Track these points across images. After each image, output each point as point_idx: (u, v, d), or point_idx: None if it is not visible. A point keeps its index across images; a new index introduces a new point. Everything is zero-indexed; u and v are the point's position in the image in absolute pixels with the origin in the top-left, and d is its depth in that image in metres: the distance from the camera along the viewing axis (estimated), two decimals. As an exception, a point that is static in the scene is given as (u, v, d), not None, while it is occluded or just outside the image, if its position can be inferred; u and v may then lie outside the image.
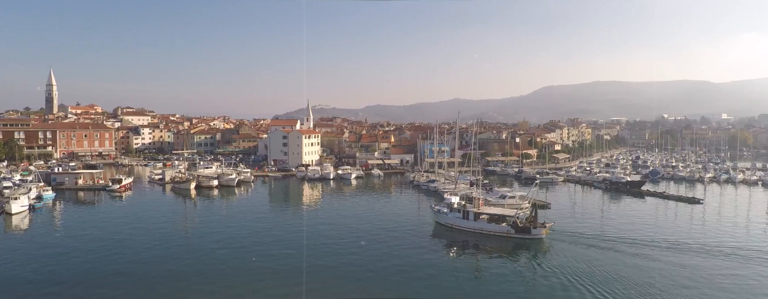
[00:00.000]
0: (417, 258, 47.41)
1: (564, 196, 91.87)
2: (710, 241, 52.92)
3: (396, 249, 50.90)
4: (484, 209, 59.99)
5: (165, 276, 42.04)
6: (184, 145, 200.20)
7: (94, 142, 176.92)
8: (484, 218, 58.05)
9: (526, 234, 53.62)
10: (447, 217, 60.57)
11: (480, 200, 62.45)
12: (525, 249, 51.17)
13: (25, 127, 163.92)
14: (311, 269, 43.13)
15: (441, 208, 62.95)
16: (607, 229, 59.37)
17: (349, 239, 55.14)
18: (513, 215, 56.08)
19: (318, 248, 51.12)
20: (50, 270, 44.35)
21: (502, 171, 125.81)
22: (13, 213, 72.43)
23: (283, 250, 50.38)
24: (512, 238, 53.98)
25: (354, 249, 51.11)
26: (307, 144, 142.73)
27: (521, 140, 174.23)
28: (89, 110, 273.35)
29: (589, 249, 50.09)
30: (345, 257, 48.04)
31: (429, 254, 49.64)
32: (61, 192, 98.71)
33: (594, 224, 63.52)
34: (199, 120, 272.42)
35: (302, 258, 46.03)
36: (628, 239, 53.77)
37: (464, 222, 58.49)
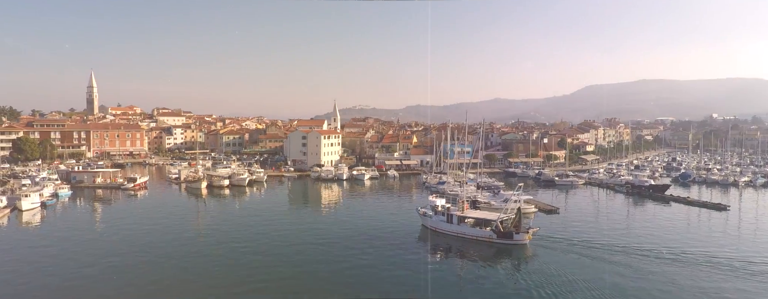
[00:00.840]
0: (390, 262, 45.68)
1: (579, 200, 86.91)
2: (721, 253, 47.93)
3: (371, 252, 49.14)
4: (467, 213, 57.07)
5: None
6: (215, 145, 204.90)
7: (126, 142, 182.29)
8: (468, 222, 55.41)
9: (508, 240, 51.06)
10: (431, 220, 58.34)
11: (465, 203, 59.56)
12: (506, 255, 48.57)
13: (61, 127, 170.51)
14: (274, 270, 42.82)
15: (427, 211, 60.56)
16: (606, 236, 55.12)
17: (327, 241, 53.90)
18: (495, 220, 53.06)
19: (291, 247, 51.09)
20: (28, 266, 45.29)
21: (523, 173, 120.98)
22: (23, 210, 74.97)
23: (254, 252, 49.48)
24: (495, 243, 51.50)
25: (327, 250, 49.96)
26: (326, 145, 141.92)
27: (550, 140, 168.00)
28: (128, 111, 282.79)
29: (579, 257, 46.50)
30: (314, 257, 47.23)
31: (407, 258, 47.59)
32: (81, 190, 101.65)
33: (595, 230, 59.32)
34: (232, 120, 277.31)
35: (270, 259, 46.34)
36: (627, 247, 49.57)
37: (447, 226, 56.08)
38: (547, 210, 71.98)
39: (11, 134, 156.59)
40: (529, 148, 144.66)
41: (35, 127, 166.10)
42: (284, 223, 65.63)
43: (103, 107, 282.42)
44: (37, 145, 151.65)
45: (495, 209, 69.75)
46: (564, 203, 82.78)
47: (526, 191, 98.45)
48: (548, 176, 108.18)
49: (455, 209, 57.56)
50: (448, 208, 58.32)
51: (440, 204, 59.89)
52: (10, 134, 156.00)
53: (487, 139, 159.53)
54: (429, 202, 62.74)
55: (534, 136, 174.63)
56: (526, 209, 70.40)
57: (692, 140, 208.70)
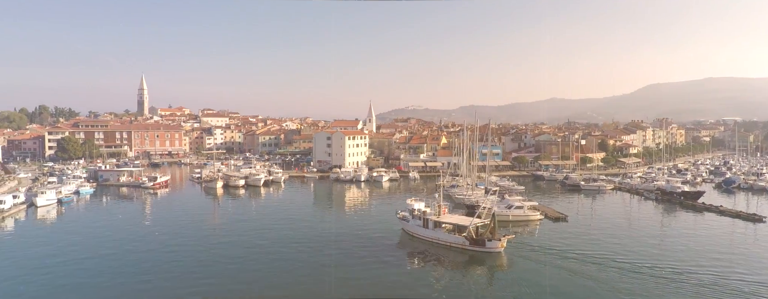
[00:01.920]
0: (359, 267, 44.42)
1: (599, 207, 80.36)
2: (731, 273, 41.80)
3: (345, 255, 47.96)
4: (442, 218, 54.02)
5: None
6: (252, 145, 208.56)
7: (166, 142, 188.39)
8: (445, 228, 52.57)
9: (480, 247, 48.46)
10: (408, 224, 56.40)
11: (443, 208, 56.47)
12: (478, 263, 46.08)
13: (104, 128, 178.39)
14: (226, 270, 42.76)
15: (406, 214, 57.99)
16: (605, 249, 49.80)
17: (299, 242, 53.66)
18: (468, 226, 50.06)
19: (262, 248, 50.94)
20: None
21: (550, 177, 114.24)
22: (38, 206, 78.19)
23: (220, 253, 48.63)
24: (467, 250, 49.08)
25: (299, 251, 49.77)
26: (352, 145, 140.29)
27: (589, 142, 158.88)
28: (176, 112, 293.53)
29: (559, 271, 42.24)
30: (279, 255, 48.00)
31: (376, 263, 45.72)
32: (107, 188, 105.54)
33: (596, 241, 53.87)
34: (273, 121, 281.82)
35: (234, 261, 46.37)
36: (623, 263, 44.35)
37: (424, 231, 53.83)
38: (555, 218, 66.55)
39: (58, 134, 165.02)
40: (563, 150, 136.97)
41: (80, 127, 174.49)
42: (270, 224, 64.54)
43: (153, 108, 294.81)
44: (80, 144, 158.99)
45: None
46: (580, 210, 76.74)
47: (551, 196, 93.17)
48: (574, 180, 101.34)
49: (431, 214, 54.89)
50: (424, 212, 55.41)
51: (417, 208, 56.97)
52: (56, 134, 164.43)
53: (520, 140, 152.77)
54: (407, 206, 59.78)
55: (576, 137, 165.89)
56: (530, 216, 65.60)
57: (752, 141, 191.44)
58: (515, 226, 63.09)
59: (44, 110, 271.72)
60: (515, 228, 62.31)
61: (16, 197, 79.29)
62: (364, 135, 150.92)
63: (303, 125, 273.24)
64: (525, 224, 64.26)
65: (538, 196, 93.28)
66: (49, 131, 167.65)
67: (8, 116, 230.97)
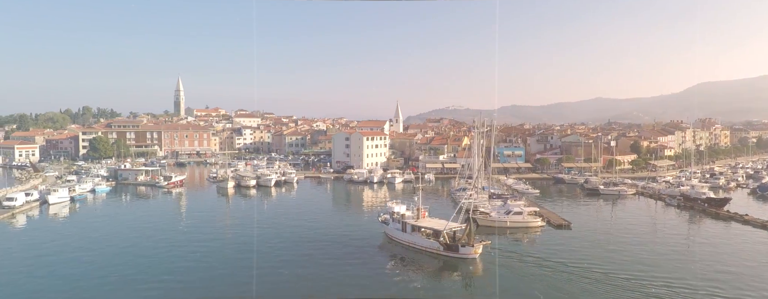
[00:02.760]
0: (333, 271, 43.68)
1: (613, 213, 75.58)
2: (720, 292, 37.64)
3: (318, 259, 47.54)
4: (419, 222, 52.27)
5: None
6: (279, 145, 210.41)
7: (194, 142, 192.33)
8: (423, 232, 50.75)
9: (454, 253, 47.06)
10: (388, 227, 55.29)
11: (423, 211, 54.70)
12: (451, 270, 44.80)
13: (135, 128, 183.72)
14: (204, 276, 42.72)
15: (388, 217, 56.35)
16: (602, 259, 46.36)
17: (271, 245, 53.22)
18: (442, 230, 48.57)
19: (239, 252, 50.55)
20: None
21: (571, 180, 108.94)
22: (50, 203, 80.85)
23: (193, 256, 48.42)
24: (441, 256, 47.69)
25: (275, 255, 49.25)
26: (370, 146, 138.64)
27: (620, 143, 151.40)
28: (211, 112, 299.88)
29: (535, 281, 39.97)
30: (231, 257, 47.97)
31: (345, 265, 45.48)
32: (125, 187, 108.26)
33: (594, 251, 50.26)
34: (304, 121, 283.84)
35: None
36: (613, 275, 40.78)
37: (402, 235, 52.62)
38: (557, 225, 62.63)
39: (91, 134, 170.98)
40: (590, 152, 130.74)
41: (113, 128, 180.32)
42: (256, 223, 63.80)
43: (189, 109, 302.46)
44: (111, 144, 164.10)
45: (490, 221, 62.44)
46: (589, 216, 72.29)
47: (566, 200, 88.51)
48: (594, 184, 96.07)
49: (410, 217, 53.44)
50: (402, 215, 54.18)
51: (397, 211, 55.45)
52: (89, 134, 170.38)
53: (546, 141, 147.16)
54: (387, 208, 58.25)
55: (609, 138, 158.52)
56: (530, 222, 61.96)
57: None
58: (513, 233, 60.03)
59: (87, 111, 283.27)
60: (513, 234, 59.35)
61: (29, 195, 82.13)
62: (383, 136, 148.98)
63: (335, 125, 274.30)
64: (524, 231, 60.84)
65: (553, 200, 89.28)
66: (83, 132, 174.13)
67: (52, 116, 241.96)
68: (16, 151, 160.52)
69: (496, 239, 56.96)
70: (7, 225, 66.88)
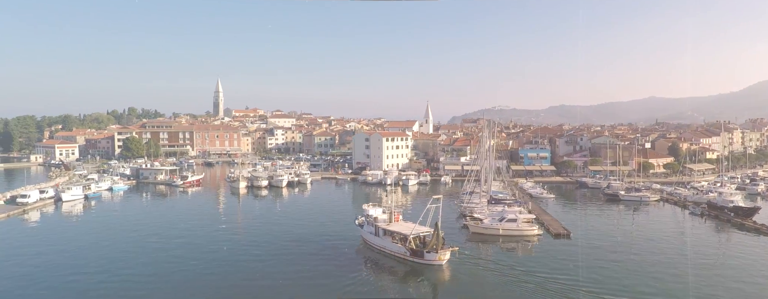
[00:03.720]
0: (290, 274, 43.55)
1: (626, 222, 70.42)
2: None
3: (287, 262, 47.78)
4: (388, 226, 50.68)
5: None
6: (309, 146, 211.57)
7: (225, 142, 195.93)
8: (394, 237, 49.31)
9: (419, 258, 45.70)
10: (363, 231, 54.33)
11: (396, 215, 53.23)
12: (415, 276, 43.75)
13: (169, 128, 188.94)
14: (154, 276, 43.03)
15: (365, 220, 54.79)
16: (580, 275, 42.25)
17: (252, 247, 53.69)
18: (408, 235, 47.14)
19: (209, 253, 50.80)
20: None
21: (594, 184, 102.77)
22: (64, 201, 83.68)
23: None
24: (408, 261, 46.54)
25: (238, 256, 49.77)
26: (391, 147, 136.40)
27: (659, 145, 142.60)
28: (249, 113, 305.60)
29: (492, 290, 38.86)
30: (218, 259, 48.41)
31: (311, 268, 45.20)
32: (145, 185, 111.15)
33: (573, 264, 46.12)
34: (338, 121, 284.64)
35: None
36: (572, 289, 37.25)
37: (374, 238, 51.54)
38: (556, 234, 58.34)
39: (126, 134, 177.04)
40: (620, 154, 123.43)
41: (147, 128, 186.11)
42: (240, 228, 64.18)
43: (228, 109, 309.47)
44: (143, 144, 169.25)
45: (482, 228, 58.99)
46: (596, 224, 67.17)
47: (583, 206, 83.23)
48: (616, 189, 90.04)
49: (383, 221, 52.02)
50: (374, 219, 52.67)
51: (371, 214, 53.63)
52: (124, 134, 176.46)
53: (575, 143, 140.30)
54: (363, 211, 56.43)
55: (646, 139, 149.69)
56: (525, 230, 58.07)
57: None
58: (506, 241, 56.50)
59: (132, 111, 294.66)
60: (506, 243, 55.83)
61: (44, 192, 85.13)
62: (405, 137, 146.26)
63: (370, 125, 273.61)
64: (517, 239, 57.06)
65: (568, 206, 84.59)
66: (118, 132, 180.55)
67: (97, 117, 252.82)
68: (56, 150, 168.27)
69: (479, 247, 54.20)
70: (11, 220, 69.49)
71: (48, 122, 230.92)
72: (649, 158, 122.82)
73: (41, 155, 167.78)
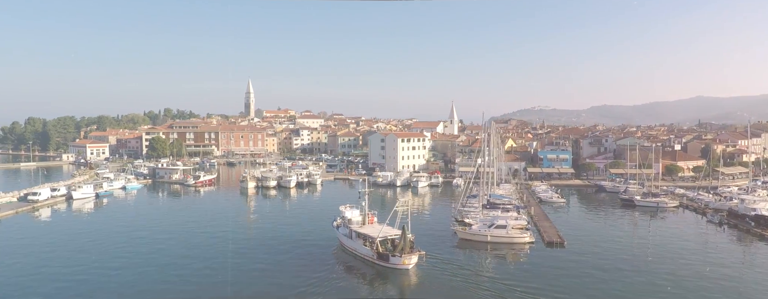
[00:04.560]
0: (254, 276, 43.72)
1: (639, 230, 65.86)
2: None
3: (246, 262, 47.60)
4: (358, 228, 49.97)
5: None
6: (334, 146, 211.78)
7: (249, 142, 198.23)
8: (364, 240, 48.27)
9: (385, 262, 44.87)
10: (338, 232, 53.58)
11: (370, 216, 52.28)
12: (381, 280, 43.30)
13: (195, 129, 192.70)
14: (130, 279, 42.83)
15: (342, 222, 54.08)
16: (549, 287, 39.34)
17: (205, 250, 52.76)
18: (375, 238, 46.20)
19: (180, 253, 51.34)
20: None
21: (613, 188, 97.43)
22: (74, 199, 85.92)
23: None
24: (375, 264, 45.74)
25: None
26: (406, 148, 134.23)
27: (691, 147, 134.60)
28: (280, 114, 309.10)
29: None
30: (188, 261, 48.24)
31: (280, 270, 45.15)
32: (161, 184, 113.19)
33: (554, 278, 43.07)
34: (366, 122, 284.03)
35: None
36: None
37: (347, 240, 51.00)
38: (549, 242, 54.81)
39: (154, 134, 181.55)
40: (647, 156, 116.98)
41: (174, 128, 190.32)
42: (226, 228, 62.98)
43: (259, 110, 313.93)
44: (168, 144, 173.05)
45: (470, 234, 56.17)
46: (599, 232, 62.92)
47: (600, 212, 78.63)
48: (632, 193, 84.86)
49: (356, 223, 51.58)
50: (349, 221, 52.36)
51: (348, 216, 53.01)
52: (152, 135, 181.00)
53: (600, 144, 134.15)
54: (339, 212, 55.51)
55: (679, 141, 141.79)
56: (515, 238, 54.88)
57: None
58: (495, 248, 53.62)
59: (168, 112, 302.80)
60: (496, 250, 53.01)
61: (56, 190, 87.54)
62: (422, 137, 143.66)
63: (399, 125, 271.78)
64: (506, 247, 54.00)
65: (578, 211, 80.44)
66: (146, 132, 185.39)
67: (133, 117, 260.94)
68: (87, 149, 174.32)
69: (461, 253, 51.75)
70: (17, 216, 72.54)
71: (86, 122, 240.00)
72: (678, 161, 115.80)
73: (73, 154, 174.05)
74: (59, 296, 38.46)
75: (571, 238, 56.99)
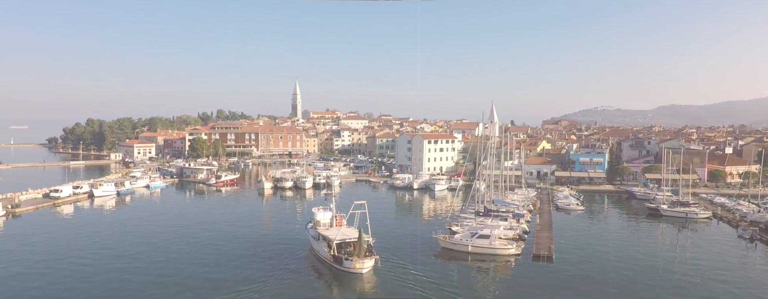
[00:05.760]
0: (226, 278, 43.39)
1: (653, 245, 59.37)
2: None
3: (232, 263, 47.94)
4: (327, 231, 49.57)
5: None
6: (372, 147, 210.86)
7: (288, 143, 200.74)
8: (327, 242, 47.62)
9: (339, 265, 44.60)
10: (308, 234, 53.38)
11: (339, 219, 51.61)
12: (334, 283, 43.31)
13: (235, 130, 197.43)
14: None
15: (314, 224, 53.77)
16: None
17: (201, 250, 53.39)
18: (332, 240, 45.91)
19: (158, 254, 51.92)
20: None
21: (644, 195, 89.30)
22: (95, 196, 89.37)
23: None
24: (333, 268, 45.54)
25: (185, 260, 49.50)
26: (433, 150, 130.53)
27: (746, 151, 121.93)
28: (326, 115, 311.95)
29: None
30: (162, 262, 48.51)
31: (239, 270, 45.36)
32: (187, 183, 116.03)
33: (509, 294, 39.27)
34: (410, 123, 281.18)
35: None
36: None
37: (313, 242, 50.99)
38: (535, 255, 50.00)
39: (195, 135, 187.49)
40: (690, 160, 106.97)
41: (216, 129, 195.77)
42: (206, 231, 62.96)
43: (306, 111, 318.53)
44: (208, 144, 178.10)
45: (450, 243, 52.51)
46: (610, 246, 56.77)
47: (619, 222, 72.19)
48: (660, 201, 77.21)
49: (324, 225, 51.66)
50: (317, 222, 52.64)
51: (319, 218, 52.81)
52: (193, 135, 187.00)
53: (641, 146, 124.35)
54: (311, 215, 55.16)
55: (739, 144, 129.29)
56: (498, 249, 50.60)
57: None
58: (477, 260, 49.97)
59: (220, 113, 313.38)
60: (477, 261, 49.37)
61: (78, 188, 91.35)
62: (451, 139, 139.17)
63: (445, 126, 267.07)
64: (488, 258, 50.00)
65: (594, 221, 74.08)
66: (189, 132, 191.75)
67: (185, 119, 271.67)
68: (135, 149, 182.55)
69: (433, 263, 48.47)
70: (37, 212, 76.62)
71: (142, 123, 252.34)
72: (725, 166, 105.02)
73: (121, 154, 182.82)
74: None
75: (565, 251, 52.23)
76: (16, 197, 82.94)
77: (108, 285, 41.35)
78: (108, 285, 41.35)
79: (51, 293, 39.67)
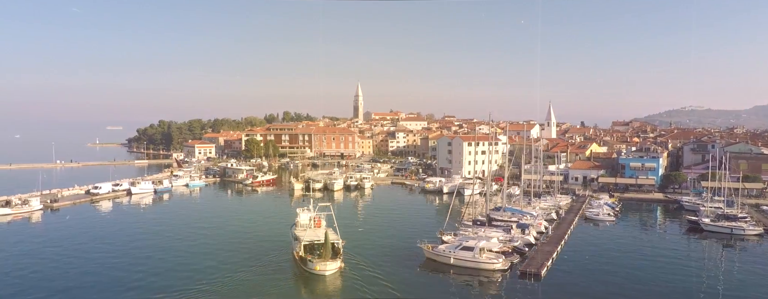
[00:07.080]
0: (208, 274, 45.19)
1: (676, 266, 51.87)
2: None
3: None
4: (300, 232, 50.03)
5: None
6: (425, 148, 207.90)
7: (340, 144, 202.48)
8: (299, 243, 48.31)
9: (304, 266, 45.48)
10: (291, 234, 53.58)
11: (318, 220, 52.05)
12: (303, 283, 44.24)
13: (290, 131, 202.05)
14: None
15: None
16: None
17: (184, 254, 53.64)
18: (301, 242, 46.84)
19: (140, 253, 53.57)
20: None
21: (692, 206, 79.59)
22: (133, 193, 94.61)
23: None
24: (300, 268, 46.32)
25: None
26: (473, 152, 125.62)
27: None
28: (387, 116, 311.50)
29: None
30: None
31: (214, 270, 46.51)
32: (227, 183, 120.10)
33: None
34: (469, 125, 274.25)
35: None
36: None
37: (293, 242, 51.10)
38: (522, 272, 45.38)
39: (251, 136, 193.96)
40: (759, 167, 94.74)
41: (271, 131, 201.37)
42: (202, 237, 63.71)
43: (368, 113, 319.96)
44: (261, 145, 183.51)
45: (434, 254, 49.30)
46: (614, 265, 50.78)
47: (653, 237, 64.92)
48: (703, 215, 68.32)
49: (301, 227, 51.53)
50: (297, 223, 52.58)
51: (300, 219, 52.60)
52: (248, 136, 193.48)
53: (705, 150, 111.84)
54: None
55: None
56: (483, 264, 46.60)
57: None
58: (461, 273, 46.46)
59: (286, 115, 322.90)
60: (460, 275, 45.91)
61: (118, 185, 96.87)
62: (495, 141, 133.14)
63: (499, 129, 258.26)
64: (471, 272, 46.32)
65: (622, 235, 65.81)
66: (246, 134, 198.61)
67: (251, 120, 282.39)
68: (196, 149, 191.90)
69: (407, 273, 45.97)
70: (74, 207, 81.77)
71: (210, 124, 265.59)
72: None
73: (183, 153, 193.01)
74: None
75: (564, 269, 47.81)
76: (59, 193, 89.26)
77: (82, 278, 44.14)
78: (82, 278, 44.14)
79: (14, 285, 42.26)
